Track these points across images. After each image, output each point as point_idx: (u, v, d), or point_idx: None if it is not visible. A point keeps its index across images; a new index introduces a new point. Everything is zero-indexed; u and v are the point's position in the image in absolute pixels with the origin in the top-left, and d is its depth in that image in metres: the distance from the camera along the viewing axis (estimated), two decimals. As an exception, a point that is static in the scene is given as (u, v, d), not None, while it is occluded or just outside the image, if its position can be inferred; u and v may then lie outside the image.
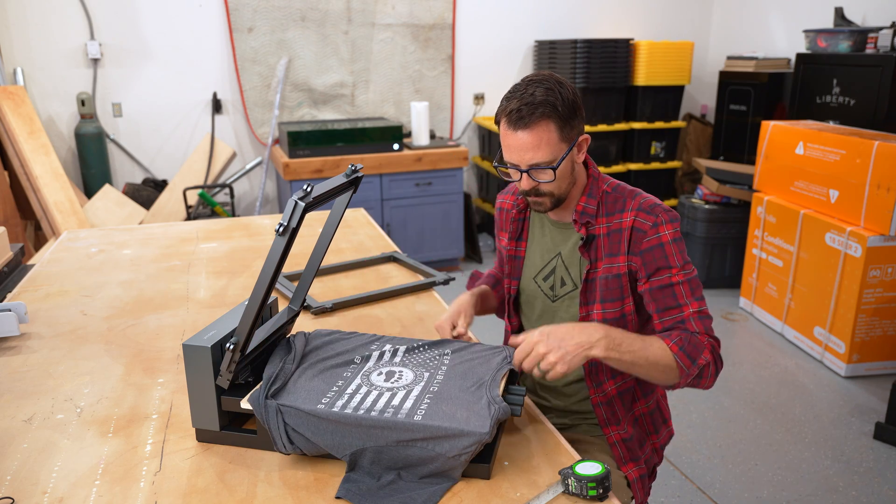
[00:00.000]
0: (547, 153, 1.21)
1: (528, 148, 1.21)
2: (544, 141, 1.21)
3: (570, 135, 1.23)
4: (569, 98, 1.22)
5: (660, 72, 4.74)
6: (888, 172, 2.92)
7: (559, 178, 1.25)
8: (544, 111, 1.19)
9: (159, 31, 4.19)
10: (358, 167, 1.27)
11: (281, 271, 1.15)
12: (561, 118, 1.20)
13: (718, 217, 4.05)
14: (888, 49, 3.55)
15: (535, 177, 1.25)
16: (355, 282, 1.95)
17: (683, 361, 1.20)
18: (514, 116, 1.21)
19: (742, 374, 3.19)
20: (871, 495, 2.33)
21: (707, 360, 1.21)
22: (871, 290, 3.02)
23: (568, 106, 1.21)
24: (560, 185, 1.27)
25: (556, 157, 1.22)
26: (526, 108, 1.19)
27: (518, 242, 1.44)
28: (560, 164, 1.23)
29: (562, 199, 1.30)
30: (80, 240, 2.39)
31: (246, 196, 4.64)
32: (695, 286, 1.26)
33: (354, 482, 1.02)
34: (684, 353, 1.20)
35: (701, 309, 1.25)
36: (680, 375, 1.21)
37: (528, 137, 1.21)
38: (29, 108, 3.71)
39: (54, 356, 1.49)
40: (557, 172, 1.24)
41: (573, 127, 1.23)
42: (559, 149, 1.22)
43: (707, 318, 1.26)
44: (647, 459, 1.41)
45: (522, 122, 1.20)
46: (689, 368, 1.20)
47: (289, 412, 1.06)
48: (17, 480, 1.06)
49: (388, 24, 4.59)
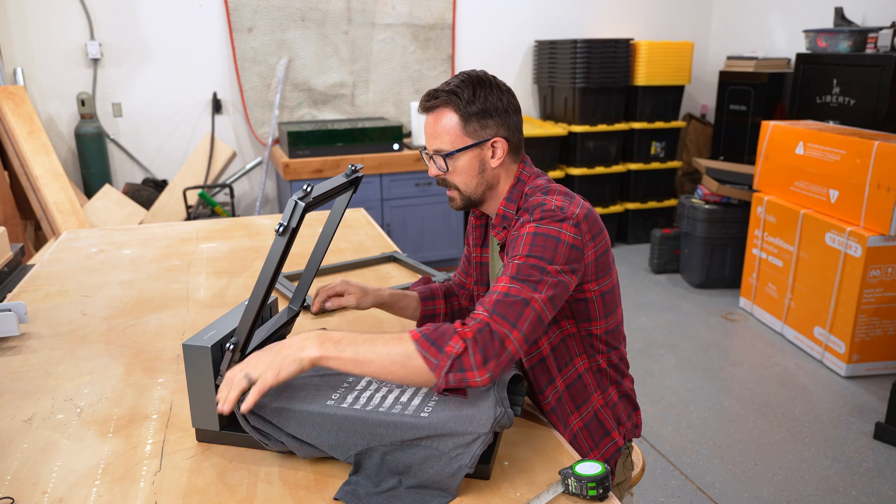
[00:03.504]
0: (446, 141, 1.24)
1: (431, 132, 1.25)
2: (444, 129, 1.23)
3: (477, 132, 1.24)
4: (486, 97, 1.22)
5: (660, 72, 4.74)
6: (888, 172, 2.92)
7: (458, 170, 1.25)
8: (447, 100, 1.22)
9: (159, 31, 4.19)
10: (358, 167, 1.27)
11: (281, 271, 1.15)
12: (464, 112, 1.22)
13: (718, 217, 4.05)
14: (888, 49, 3.55)
15: (436, 163, 1.27)
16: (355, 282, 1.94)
17: (427, 350, 1.02)
18: (423, 98, 1.26)
19: (742, 374, 3.19)
20: (871, 495, 2.33)
21: (459, 347, 1.01)
22: (871, 290, 3.02)
23: (480, 104, 1.22)
24: (465, 180, 1.26)
25: (454, 147, 1.24)
26: (434, 92, 1.24)
27: (482, 249, 1.44)
28: (455, 154, 1.24)
29: (472, 199, 1.29)
30: (80, 240, 2.39)
31: (246, 196, 4.64)
32: (525, 271, 1.10)
33: (353, 485, 1.02)
34: (427, 340, 1.03)
35: (510, 288, 1.08)
36: (430, 368, 1.02)
37: (430, 121, 1.26)
38: (29, 108, 3.71)
39: (54, 356, 1.49)
40: (455, 165, 1.25)
41: (484, 126, 1.23)
42: (461, 140, 1.24)
43: (509, 299, 1.06)
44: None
45: (427, 105, 1.25)
46: (438, 359, 1.01)
47: (290, 413, 1.06)
48: (17, 480, 1.06)
49: (388, 24, 4.59)
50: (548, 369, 1.27)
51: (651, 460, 2.53)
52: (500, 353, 1.04)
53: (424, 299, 1.49)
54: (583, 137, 4.79)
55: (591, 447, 1.32)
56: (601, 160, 4.90)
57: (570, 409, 1.30)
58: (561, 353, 1.28)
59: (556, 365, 1.28)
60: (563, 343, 1.28)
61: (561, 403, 1.29)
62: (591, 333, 1.29)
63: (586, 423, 1.31)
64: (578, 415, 1.31)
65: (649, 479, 2.42)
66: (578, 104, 4.71)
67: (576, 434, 1.30)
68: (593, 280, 1.23)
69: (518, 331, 1.05)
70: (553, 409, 1.28)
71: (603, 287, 1.25)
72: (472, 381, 1.03)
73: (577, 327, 1.28)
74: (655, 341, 3.52)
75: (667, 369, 3.23)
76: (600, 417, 1.33)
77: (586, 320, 1.27)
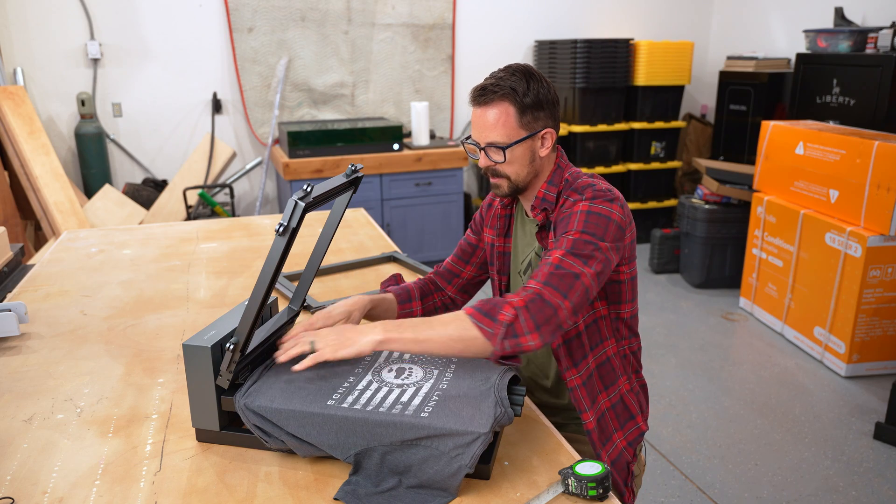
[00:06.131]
0: (502, 134, 1.26)
1: (486, 125, 1.27)
2: (501, 121, 1.25)
3: (531, 124, 1.27)
4: (538, 90, 1.26)
5: (660, 72, 4.74)
6: (888, 172, 2.92)
7: (512, 161, 1.28)
8: (504, 93, 1.25)
9: (159, 31, 4.19)
10: (358, 167, 1.27)
11: (281, 271, 1.15)
12: (521, 104, 1.25)
13: (718, 217, 4.05)
14: (888, 49, 3.55)
15: (490, 155, 1.28)
16: (355, 282, 1.95)
17: (482, 321, 1.10)
18: (478, 93, 1.27)
19: (742, 374, 3.19)
20: (871, 495, 2.33)
21: (510, 315, 1.09)
22: (871, 290, 3.02)
23: (532, 96, 1.26)
24: (516, 169, 1.29)
25: (511, 140, 1.26)
26: (490, 87, 1.26)
27: (506, 239, 1.46)
28: (513, 146, 1.26)
29: (520, 186, 1.32)
30: (80, 240, 2.38)
31: (246, 196, 4.64)
32: (579, 246, 1.16)
33: (353, 485, 1.02)
34: (480, 313, 1.11)
35: (562, 261, 1.15)
36: (487, 337, 1.09)
37: (486, 114, 1.26)
38: (29, 108, 3.71)
39: (54, 356, 1.49)
40: (511, 156, 1.27)
41: (536, 118, 1.27)
42: (516, 133, 1.26)
43: (561, 271, 1.13)
44: (618, 456, 1.36)
45: (482, 99, 1.26)
46: (493, 328, 1.09)
47: (291, 413, 1.06)
48: (17, 480, 1.06)
49: (388, 24, 4.59)
50: (582, 345, 1.32)
51: (651, 460, 2.53)
52: (552, 319, 1.11)
53: (402, 302, 1.48)
54: (583, 137, 4.79)
55: (617, 427, 1.36)
56: (601, 160, 4.90)
57: (599, 388, 1.34)
58: (592, 332, 1.33)
59: (589, 343, 1.33)
60: (595, 324, 1.33)
61: (591, 380, 1.33)
62: (619, 317, 1.34)
63: (613, 403, 1.36)
64: (607, 395, 1.36)
65: (649, 479, 2.42)
66: (578, 104, 4.71)
67: (604, 413, 1.34)
68: (627, 263, 1.30)
69: (569, 301, 1.13)
70: (584, 383, 1.32)
71: (632, 271, 1.33)
72: (525, 345, 1.10)
73: (608, 309, 1.34)
74: (655, 341, 3.52)
75: (667, 369, 3.23)
76: (626, 401, 1.38)
77: (617, 303, 1.33)
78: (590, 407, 1.32)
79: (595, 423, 1.32)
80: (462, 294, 1.56)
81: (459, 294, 1.55)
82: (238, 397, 1.10)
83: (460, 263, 1.54)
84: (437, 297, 1.54)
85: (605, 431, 1.34)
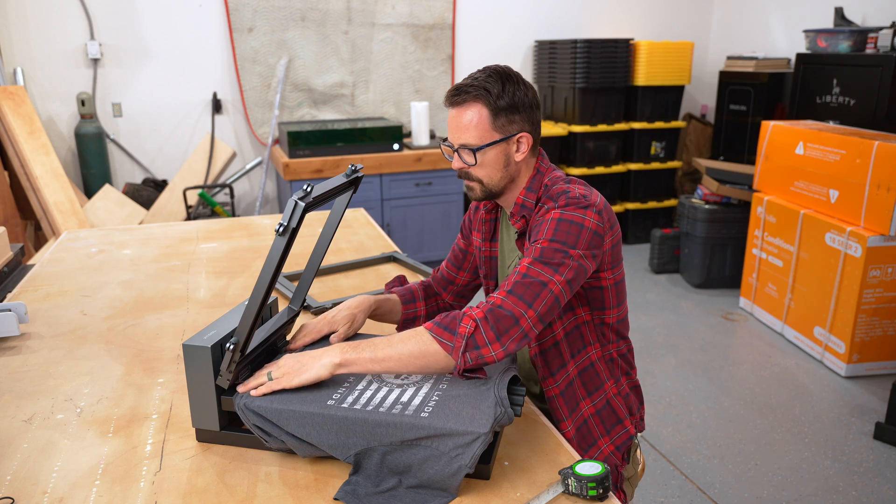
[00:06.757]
0: (474, 136, 1.23)
1: (458, 126, 1.25)
2: (473, 123, 1.23)
3: (505, 126, 1.24)
4: (514, 92, 1.24)
5: (660, 72, 4.74)
6: (888, 172, 2.92)
7: (484, 164, 1.26)
8: (478, 94, 1.22)
9: (159, 31, 4.19)
10: (358, 167, 1.27)
11: (281, 271, 1.15)
12: (494, 106, 1.23)
13: (718, 217, 4.05)
14: (888, 49, 3.55)
15: (462, 157, 1.27)
16: (355, 282, 1.95)
17: (441, 335, 1.08)
18: (452, 93, 1.25)
19: (742, 374, 3.19)
20: (871, 495, 2.33)
21: (470, 327, 1.07)
22: (871, 290, 3.02)
23: (508, 98, 1.23)
24: (489, 173, 1.27)
25: (483, 142, 1.24)
26: (464, 87, 1.24)
27: (492, 243, 1.44)
28: (484, 148, 1.24)
29: (493, 191, 1.30)
30: (80, 240, 2.39)
31: (246, 196, 4.64)
32: (547, 254, 1.14)
33: (353, 485, 1.02)
34: (440, 327, 1.09)
35: (529, 269, 1.13)
36: (447, 351, 1.08)
37: (459, 116, 1.24)
38: (29, 108, 3.71)
39: (54, 356, 1.49)
40: (483, 158, 1.25)
41: (511, 121, 1.24)
42: (489, 135, 1.24)
43: (527, 280, 1.12)
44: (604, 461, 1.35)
45: (456, 99, 1.24)
46: (452, 341, 1.07)
47: (291, 413, 1.06)
48: (17, 480, 1.06)
49: (388, 24, 4.59)
50: (561, 353, 1.30)
51: (651, 460, 2.53)
52: (512, 329, 1.09)
53: (405, 302, 1.49)
54: (583, 137, 4.79)
55: (603, 433, 1.34)
56: (601, 160, 4.90)
57: (581, 395, 1.32)
58: (574, 339, 1.31)
59: (570, 350, 1.31)
60: (577, 330, 1.31)
61: (571, 388, 1.31)
62: (604, 322, 1.32)
63: (598, 409, 1.34)
64: (591, 401, 1.33)
65: (649, 479, 2.42)
66: (578, 104, 4.71)
67: (587, 419, 1.32)
68: (609, 269, 1.27)
69: (533, 310, 1.10)
70: (562, 392, 1.30)
71: (616, 276, 1.30)
72: (487, 356, 1.08)
73: (592, 315, 1.31)
74: (655, 341, 3.52)
75: (667, 369, 3.23)
76: (613, 405, 1.36)
77: (600, 308, 1.31)
78: (568, 416, 1.30)
79: (574, 432, 1.30)
80: (459, 299, 1.55)
81: (457, 300, 1.54)
82: (238, 397, 1.10)
83: (454, 269, 1.53)
84: (439, 299, 1.54)
85: (587, 438, 1.32)
